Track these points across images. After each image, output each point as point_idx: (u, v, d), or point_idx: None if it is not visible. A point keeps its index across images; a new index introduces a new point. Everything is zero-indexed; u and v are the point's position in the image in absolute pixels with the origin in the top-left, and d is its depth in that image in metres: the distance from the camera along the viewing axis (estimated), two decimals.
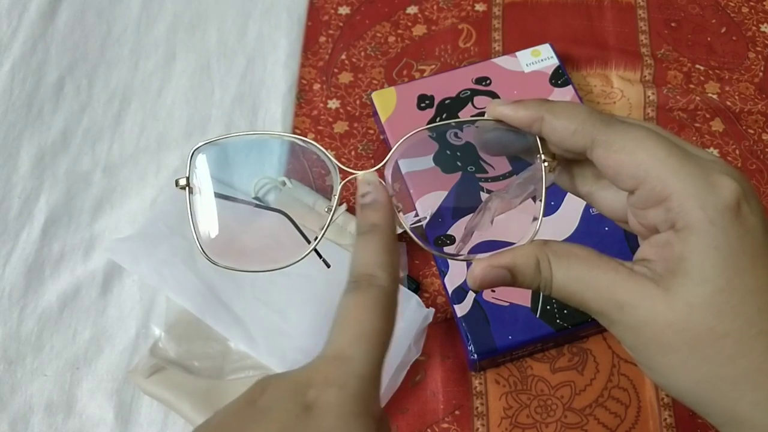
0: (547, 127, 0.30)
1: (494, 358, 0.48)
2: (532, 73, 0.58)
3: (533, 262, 0.29)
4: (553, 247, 0.30)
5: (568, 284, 0.29)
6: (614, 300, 0.27)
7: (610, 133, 0.29)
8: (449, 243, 0.50)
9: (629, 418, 0.47)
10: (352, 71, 0.63)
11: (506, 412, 0.47)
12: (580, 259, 0.29)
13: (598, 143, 0.29)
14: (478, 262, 0.30)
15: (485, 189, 0.52)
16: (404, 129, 0.56)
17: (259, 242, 0.36)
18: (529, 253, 0.30)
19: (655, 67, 0.61)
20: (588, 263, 0.29)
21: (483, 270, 0.30)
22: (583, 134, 0.29)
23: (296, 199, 0.53)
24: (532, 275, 0.29)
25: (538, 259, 0.29)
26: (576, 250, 0.29)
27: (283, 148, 0.57)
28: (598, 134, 0.29)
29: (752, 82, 0.60)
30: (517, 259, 0.30)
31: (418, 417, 0.48)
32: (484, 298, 0.48)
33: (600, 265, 0.28)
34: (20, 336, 0.52)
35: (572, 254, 0.29)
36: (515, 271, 0.30)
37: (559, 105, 0.31)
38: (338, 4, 0.67)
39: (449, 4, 0.66)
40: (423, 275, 0.53)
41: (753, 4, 0.65)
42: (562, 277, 0.29)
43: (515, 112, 0.31)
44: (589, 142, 0.29)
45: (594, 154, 0.29)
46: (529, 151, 0.32)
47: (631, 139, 0.28)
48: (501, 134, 0.33)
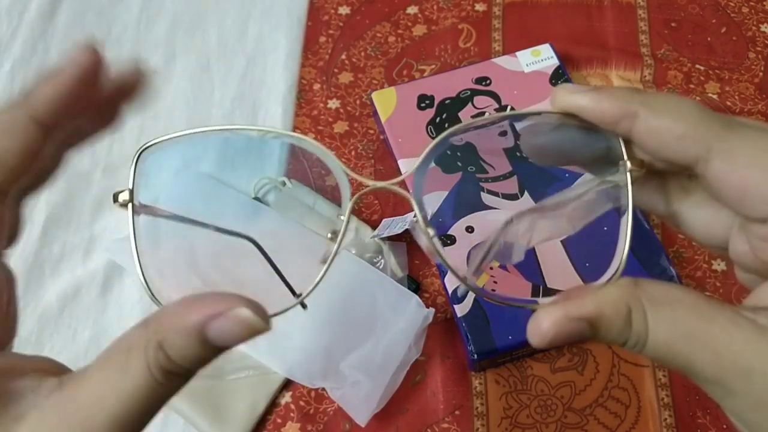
0: (641, 126, 0.23)
1: (494, 358, 0.48)
2: (533, 73, 0.58)
3: (624, 312, 0.22)
4: (648, 290, 0.23)
5: (671, 342, 0.22)
6: (739, 366, 0.21)
7: (734, 140, 0.22)
8: (449, 243, 0.50)
9: (629, 418, 0.47)
10: (352, 71, 0.63)
11: (506, 412, 0.47)
12: (685, 308, 0.22)
13: (717, 153, 0.22)
14: (547, 311, 0.22)
15: (485, 189, 0.52)
16: (404, 129, 0.57)
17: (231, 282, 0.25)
18: (618, 300, 0.22)
19: (655, 67, 0.61)
20: (698, 314, 0.22)
21: (556, 324, 0.22)
22: (694, 140, 0.22)
23: (296, 200, 0.53)
24: (620, 329, 0.22)
25: (629, 307, 0.22)
26: (679, 294, 0.22)
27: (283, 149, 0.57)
28: (716, 141, 0.22)
29: (752, 82, 0.60)
30: (605, 308, 0.22)
31: (418, 417, 0.48)
32: (484, 298, 0.48)
33: (713, 316, 0.22)
34: (20, 336, 0.51)
35: (674, 301, 0.22)
36: (599, 325, 0.22)
37: (659, 98, 0.23)
38: (338, 4, 0.67)
39: (449, 4, 0.66)
40: (423, 275, 0.53)
41: (753, 4, 0.65)
42: (664, 333, 0.22)
43: (597, 103, 0.24)
44: (704, 151, 0.22)
45: (710, 167, 0.22)
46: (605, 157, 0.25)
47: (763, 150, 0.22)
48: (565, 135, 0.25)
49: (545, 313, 0.22)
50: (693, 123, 0.22)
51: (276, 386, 0.48)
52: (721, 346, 0.21)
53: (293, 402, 0.48)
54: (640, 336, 0.22)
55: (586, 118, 0.24)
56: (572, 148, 0.26)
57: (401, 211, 0.53)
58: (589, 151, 0.25)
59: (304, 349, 0.47)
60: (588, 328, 0.22)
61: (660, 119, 0.23)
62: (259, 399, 0.47)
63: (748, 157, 0.22)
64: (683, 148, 0.23)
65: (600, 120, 0.24)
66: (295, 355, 0.47)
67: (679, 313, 0.22)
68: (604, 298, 0.22)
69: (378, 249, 0.52)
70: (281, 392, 0.49)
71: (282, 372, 0.48)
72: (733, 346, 0.21)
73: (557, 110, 0.25)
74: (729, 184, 0.22)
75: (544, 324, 0.22)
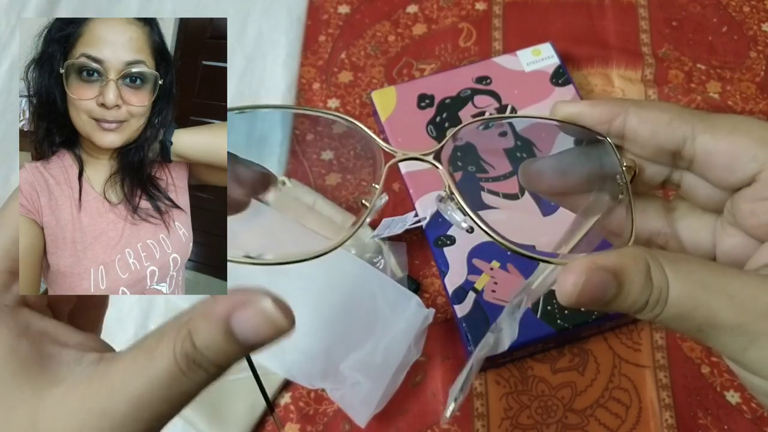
0: (633, 119, 0.26)
1: (494, 358, 0.47)
2: (533, 72, 0.58)
3: (644, 265, 0.23)
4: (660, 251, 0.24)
5: (691, 291, 0.23)
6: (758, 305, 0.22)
7: (713, 119, 0.25)
8: (449, 243, 0.50)
9: (630, 419, 0.47)
10: (352, 70, 0.63)
11: (507, 412, 0.47)
12: (698, 262, 0.24)
13: (701, 130, 0.25)
14: (574, 264, 0.23)
15: (486, 189, 0.51)
16: (404, 128, 0.56)
17: None
18: (638, 255, 0.23)
19: (656, 67, 0.61)
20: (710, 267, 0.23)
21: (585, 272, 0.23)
22: (681, 123, 0.25)
23: (296, 199, 0.53)
24: (642, 283, 0.23)
25: (648, 263, 0.23)
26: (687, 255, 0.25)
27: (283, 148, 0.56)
28: (699, 121, 0.25)
29: (753, 81, 0.60)
30: (627, 260, 0.23)
31: (418, 417, 0.47)
32: (484, 299, 0.48)
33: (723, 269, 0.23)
34: None
35: (686, 258, 0.24)
36: (623, 278, 0.23)
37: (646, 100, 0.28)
38: (338, 3, 0.67)
39: (449, 3, 0.66)
40: (423, 275, 0.52)
41: (754, 3, 0.65)
42: (683, 284, 0.23)
43: (592, 108, 0.27)
44: (690, 130, 0.25)
45: (697, 142, 0.25)
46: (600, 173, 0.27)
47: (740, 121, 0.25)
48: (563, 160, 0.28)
49: (573, 264, 0.23)
50: (678, 111, 0.26)
51: (275, 387, 0.48)
52: (737, 290, 0.22)
53: (293, 403, 0.48)
54: (662, 290, 0.23)
55: (583, 123, 0.27)
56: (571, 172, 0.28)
57: (401, 211, 0.53)
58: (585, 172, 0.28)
59: (303, 350, 0.47)
60: (613, 282, 0.23)
61: (649, 111, 0.26)
62: (258, 399, 0.47)
63: (729, 126, 0.25)
64: (672, 131, 0.26)
65: (596, 121, 0.27)
66: (294, 355, 0.47)
67: (693, 266, 0.23)
68: (625, 252, 0.24)
69: (378, 249, 0.51)
70: (281, 393, 0.49)
71: (281, 373, 0.48)
72: (748, 289, 0.22)
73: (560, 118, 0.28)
74: (716, 151, 0.25)
75: (573, 275, 0.23)
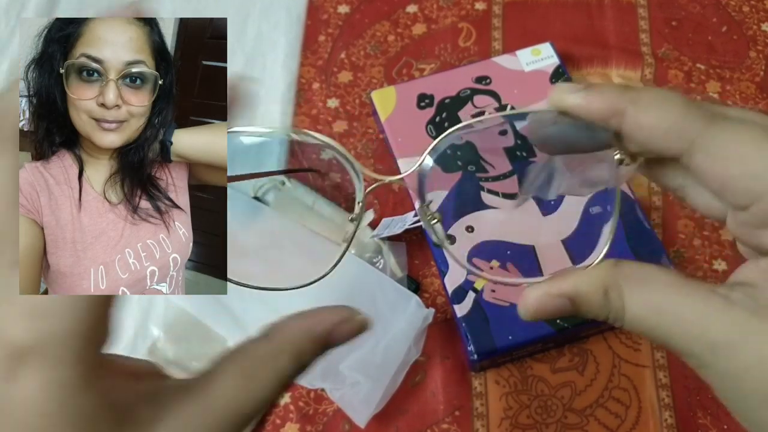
0: (630, 122, 0.25)
1: (494, 358, 0.47)
2: (533, 72, 0.58)
3: (600, 290, 0.24)
4: (626, 270, 0.25)
5: (645, 317, 0.24)
6: (706, 339, 0.22)
7: (715, 134, 0.23)
8: (450, 243, 0.50)
9: (630, 419, 0.47)
10: (352, 70, 0.63)
11: (506, 412, 0.47)
12: (660, 284, 0.24)
13: (699, 147, 0.23)
14: (533, 288, 0.25)
15: (486, 189, 0.51)
16: (404, 128, 0.56)
17: None
18: (595, 279, 0.25)
19: (655, 66, 0.61)
20: (671, 290, 0.24)
21: (539, 299, 0.25)
22: (678, 134, 0.24)
23: (295, 199, 0.53)
24: (599, 305, 0.24)
25: (606, 286, 0.24)
26: (656, 272, 0.24)
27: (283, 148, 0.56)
28: (698, 135, 0.23)
29: (753, 81, 0.60)
30: (581, 287, 0.25)
31: (418, 417, 0.47)
32: (484, 298, 0.48)
33: (687, 292, 0.23)
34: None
35: (651, 279, 0.24)
36: (578, 301, 0.25)
37: (647, 94, 0.25)
38: (338, 3, 0.67)
39: (449, 2, 0.66)
40: (423, 275, 0.52)
41: (754, 2, 0.65)
42: (638, 309, 0.24)
43: (588, 102, 0.25)
44: (687, 144, 0.24)
45: (694, 160, 0.24)
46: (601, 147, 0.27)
47: (743, 143, 0.23)
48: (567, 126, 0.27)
49: (531, 290, 0.26)
50: (677, 119, 0.24)
51: None
52: (690, 320, 0.23)
53: (292, 402, 0.48)
54: (618, 312, 0.24)
55: (578, 117, 0.26)
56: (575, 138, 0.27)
57: (401, 211, 0.53)
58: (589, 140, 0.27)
59: None
60: (569, 304, 0.25)
61: (646, 116, 0.24)
62: None
63: (727, 150, 0.23)
64: (668, 143, 0.24)
65: (592, 117, 0.26)
66: None
67: (653, 290, 0.24)
68: (581, 278, 0.25)
69: (377, 249, 0.51)
70: None
71: None
72: (702, 321, 0.23)
73: (554, 109, 0.26)
74: (711, 176, 0.24)
75: (530, 299, 0.26)
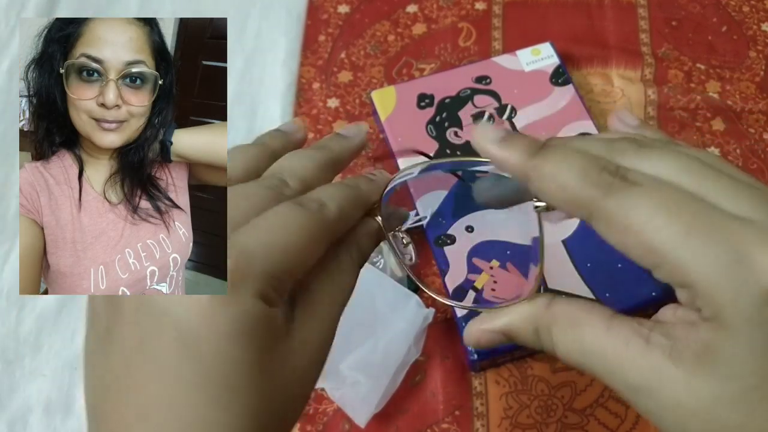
0: (534, 188, 0.26)
1: (494, 358, 0.47)
2: (533, 72, 0.58)
3: (531, 329, 0.26)
4: (557, 312, 0.26)
5: (574, 357, 0.26)
6: (626, 382, 0.24)
7: (610, 206, 0.23)
8: (450, 243, 0.50)
9: (630, 419, 0.47)
10: (352, 70, 0.63)
11: (506, 412, 0.47)
12: (587, 326, 0.25)
13: (596, 218, 0.24)
14: (473, 322, 0.28)
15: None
16: (404, 128, 0.56)
17: None
18: (526, 319, 0.27)
19: (655, 66, 0.61)
20: (597, 331, 0.25)
21: (476, 333, 0.28)
22: (578, 206, 0.24)
23: None
24: (531, 341, 0.27)
25: (536, 326, 0.26)
26: (584, 315, 0.25)
27: None
28: (595, 208, 0.24)
29: (753, 81, 0.60)
30: (512, 324, 0.27)
31: (418, 417, 0.47)
32: (484, 298, 0.48)
33: (612, 333, 0.25)
34: (19, 336, 0.51)
35: (578, 322, 0.25)
36: (512, 335, 0.27)
37: (551, 159, 0.25)
38: (338, 3, 0.67)
39: (449, 2, 0.66)
40: (423, 275, 0.52)
41: (754, 2, 0.65)
42: (566, 349, 0.26)
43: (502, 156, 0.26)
44: (586, 212, 0.24)
45: (595, 225, 0.24)
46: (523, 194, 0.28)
47: (638, 215, 0.23)
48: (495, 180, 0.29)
49: (471, 323, 0.28)
50: (574, 190, 0.24)
51: None
52: (612, 363, 0.24)
53: None
54: (549, 348, 0.26)
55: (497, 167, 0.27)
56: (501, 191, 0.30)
57: None
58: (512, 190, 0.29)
59: None
60: (504, 338, 0.27)
61: (546, 184, 0.25)
62: None
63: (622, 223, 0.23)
64: (570, 210, 0.25)
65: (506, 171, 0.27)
66: None
67: (581, 332, 0.25)
68: (514, 317, 0.27)
69: (378, 249, 0.51)
70: None
71: None
72: (623, 364, 0.24)
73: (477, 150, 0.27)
74: (612, 243, 0.24)
75: (471, 332, 0.28)
